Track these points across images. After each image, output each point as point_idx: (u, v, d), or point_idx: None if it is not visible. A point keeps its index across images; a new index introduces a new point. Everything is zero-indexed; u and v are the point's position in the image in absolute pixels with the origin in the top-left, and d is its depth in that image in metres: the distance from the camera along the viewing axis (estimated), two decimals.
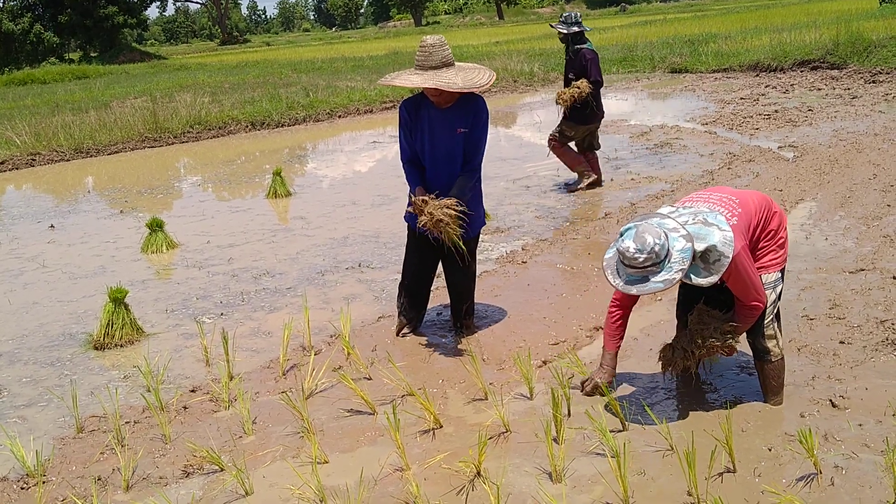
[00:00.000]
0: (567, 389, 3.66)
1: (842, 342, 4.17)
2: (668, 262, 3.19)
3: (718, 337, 3.48)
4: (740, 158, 8.94)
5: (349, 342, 4.40)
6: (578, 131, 8.15)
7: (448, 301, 4.97)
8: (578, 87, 7.76)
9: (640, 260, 3.17)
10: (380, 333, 4.88)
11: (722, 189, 3.63)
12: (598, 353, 4.27)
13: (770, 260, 3.53)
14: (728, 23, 30.43)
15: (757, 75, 16.99)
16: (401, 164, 4.64)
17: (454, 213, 4.23)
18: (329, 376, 4.21)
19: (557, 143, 8.26)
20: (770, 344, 3.56)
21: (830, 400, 3.58)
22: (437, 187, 4.44)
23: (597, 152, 8.41)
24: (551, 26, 8.02)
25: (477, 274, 5.69)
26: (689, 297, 3.77)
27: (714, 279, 3.26)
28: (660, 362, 3.69)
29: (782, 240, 3.58)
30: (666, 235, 3.21)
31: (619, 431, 3.47)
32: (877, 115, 11.18)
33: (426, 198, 4.27)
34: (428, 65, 4.29)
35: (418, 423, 3.67)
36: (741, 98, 13.88)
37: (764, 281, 3.47)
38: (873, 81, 14.44)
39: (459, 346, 4.56)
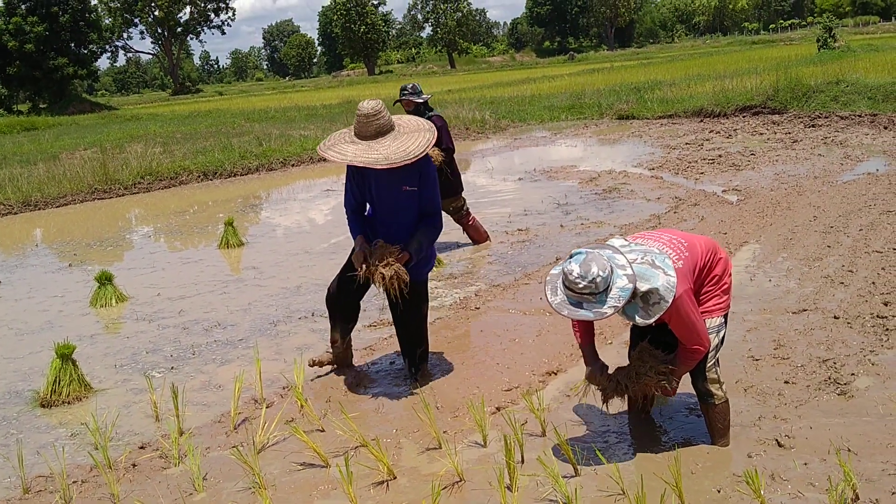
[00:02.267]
0: (520, 435, 3.68)
1: (786, 382, 4.26)
2: (607, 296, 3.26)
3: (653, 376, 3.55)
4: (686, 202, 9.15)
5: (302, 394, 4.37)
6: (460, 200, 7.91)
7: (400, 349, 4.98)
8: (431, 156, 7.58)
9: (580, 286, 3.24)
10: (333, 384, 4.86)
11: (672, 231, 3.73)
12: (551, 398, 4.33)
13: (714, 304, 3.61)
14: (672, 70, 31.26)
15: (701, 121, 17.45)
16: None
17: (397, 268, 4.29)
18: (281, 429, 4.18)
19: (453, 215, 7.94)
20: (713, 388, 3.63)
21: (776, 440, 3.66)
22: (386, 238, 4.49)
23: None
24: (399, 101, 7.54)
25: (430, 321, 5.75)
26: (639, 334, 3.83)
27: (650, 321, 3.34)
28: (596, 389, 3.74)
29: (727, 285, 3.67)
30: (612, 270, 3.28)
31: (572, 477, 3.49)
32: (816, 158, 11.54)
33: (367, 252, 4.34)
34: (364, 134, 4.34)
35: (372, 474, 3.65)
36: (686, 143, 14.23)
37: (707, 325, 3.54)
38: (813, 125, 14.93)
39: (413, 395, 4.55)
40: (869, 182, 9.39)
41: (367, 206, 4.72)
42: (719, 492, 3.30)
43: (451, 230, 8.81)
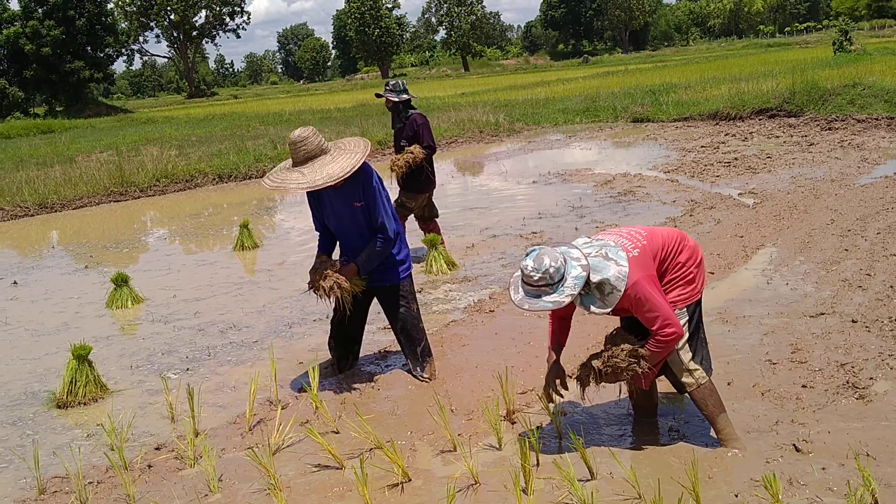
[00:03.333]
0: (535, 439, 3.67)
1: (804, 386, 4.23)
2: (562, 285, 3.42)
3: (624, 358, 3.56)
4: (702, 206, 9.11)
5: (317, 395, 4.37)
6: (417, 201, 7.71)
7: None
8: (412, 153, 7.37)
9: (535, 278, 3.41)
10: (348, 386, 4.86)
11: (638, 227, 3.80)
12: (566, 401, 4.30)
13: (677, 295, 3.65)
14: (688, 73, 31.17)
15: (717, 124, 17.37)
16: None
17: (335, 278, 4.54)
18: (296, 431, 4.18)
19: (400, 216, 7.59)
20: (686, 379, 3.67)
21: (794, 444, 3.62)
22: (350, 253, 4.77)
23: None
24: (378, 95, 7.64)
25: (445, 323, 5.76)
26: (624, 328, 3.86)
27: (607, 310, 3.47)
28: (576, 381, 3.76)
29: (692, 275, 3.69)
30: (565, 261, 3.44)
31: (588, 480, 3.48)
32: (833, 161, 11.46)
33: (319, 268, 4.62)
34: (296, 160, 4.49)
35: (387, 476, 3.65)
36: (702, 146, 14.17)
37: None
38: (829, 128, 14.84)
39: (427, 397, 4.55)
40: (886, 185, 9.32)
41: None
42: (737, 496, 3.27)
43: (466, 234, 8.81)
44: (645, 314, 3.49)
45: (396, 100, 7.46)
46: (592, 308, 3.48)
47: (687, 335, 3.65)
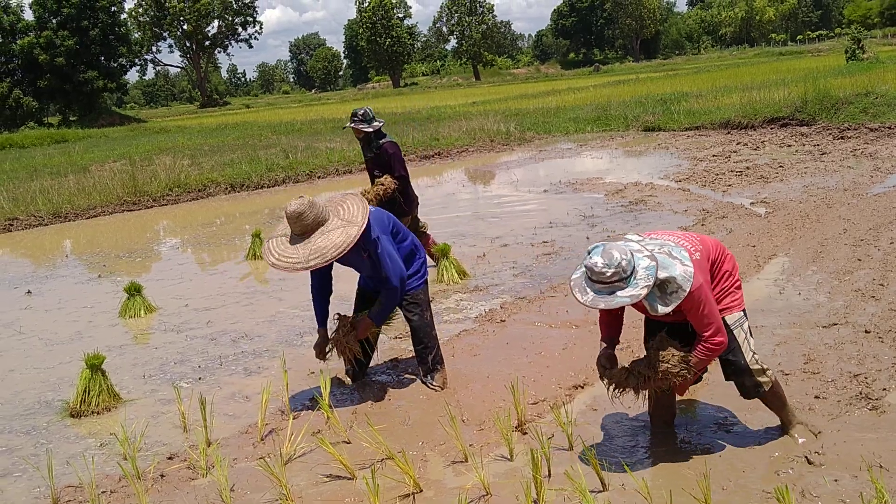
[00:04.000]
0: (547, 449, 3.66)
1: (817, 397, 4.21)
2: (634, 278, 3.34)
3: (676, 364, 3.54)
4: (713, 215, 9.09)
5: (328, 405, 4.38)
6: (407, 220, 7.33)
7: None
8: (383, 184, 7.11)
9: (608, 274, 3.31)
10: (359, 396, 4.87)
11: (687, 232, 3.78)
12: (578, 412, 4.31)
13: (731, 300, 3.68)
14: (699, 82, 31.11)
15: (728, 133, 17.33)
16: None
17: (345, 342, 4.80)
18: (308, 440, 4.19)
19: None
20: (760, 378, 3.67)
21: (806, 456, 3.61)
22: (373, 283, 4.98)
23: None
24: (345, 127, 7.27)
25: (455, 333, 5.77)
26: (653, 330, 3.84)
27: (668, 309, 3.40)
28: (611, 385, 3.72)
29: (738, 281, 3.75)
30: (632, 254, 3.37)
31: (600, 492, 3.47)
32: (846, 170, 11.42)
33: (320, 343, 4.93)
34: (294, 232, 4.53)
35: (398, 487, 3.65)
36: (713, 155, 14.15)
37: (729, 321, 3.60)
38: (842, 137, 14.78)
39: (439, 407, 4.55)
40: None
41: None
42: None
43: (477, 243, 8.82)
44: (701, 319, 3.47)
45: (370, 130, 7.08)
46: (655, 307, 3.41)
47: (747, 336, 3.66)
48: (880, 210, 8.51)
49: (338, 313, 4.94)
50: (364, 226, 4.48)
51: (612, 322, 3.80)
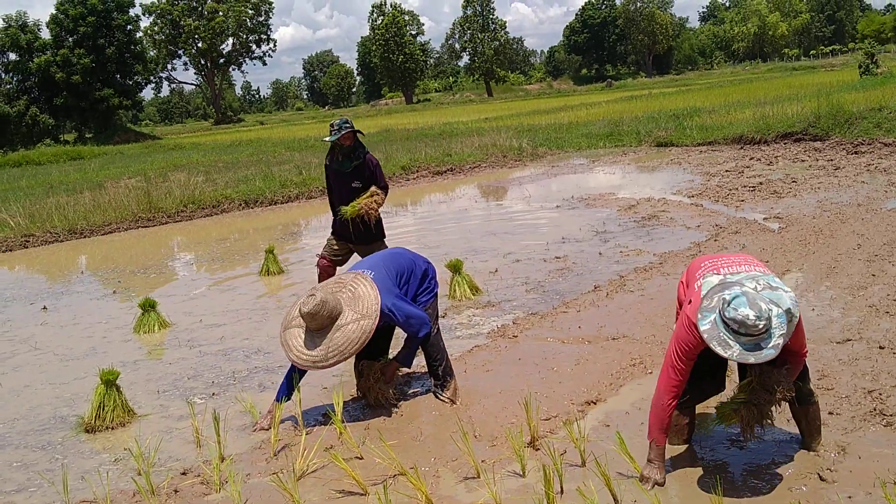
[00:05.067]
0: (560, 465, 3.66)
1: (831, 413, 4.19)
2: (772, 328, 3.23)
3: (784, 380, 3.49)
4: (727, 230, 9.07)
5: (341, 421, 4.40)
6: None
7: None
8: (378, 194, 6.94)
9: (760, 327, 3.18)
10: (372, 412, 4.88)
11: (735, 255, 3.78)
12: (590, 428, 4.29)
13: None
14: (712, 97, 31.11)
15: (741, 148, 17.31)
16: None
17: (387, 389, 4.89)
18: (320, 456, 4.20)
19: (333, 268, 7.16)
20: (812, 386, 3.71)
21: (819, 473, 3.59)
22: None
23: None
24: (329, 140, 6.80)
25: (468, 349, 5.78)
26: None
27: (785, 341, 3.30)
28: (724, 421, 3.63)
29: None
30: (770, 302, 3.27)
31: None
32: (860, 185, 11.38)
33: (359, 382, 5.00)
34: (309, 327, 4.58)
35: (410, 503, 3.65)
36: (726, 170, 14.13)
37: None
38: (855, 152, 14.73)
39: (451, 423, 4.56)
40: None
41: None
42: None
43: (489, 258, 8.83)
44: (799, 336, 3.48)
45: (360, 130, 6.96)
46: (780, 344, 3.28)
47: None
48: (895, 225, 8.47)
49: (363, 360, 4.95)
50: (377, 317, 4.56)
51: (669, 423, 3.66)
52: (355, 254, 7.22)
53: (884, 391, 4.40)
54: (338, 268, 7.10)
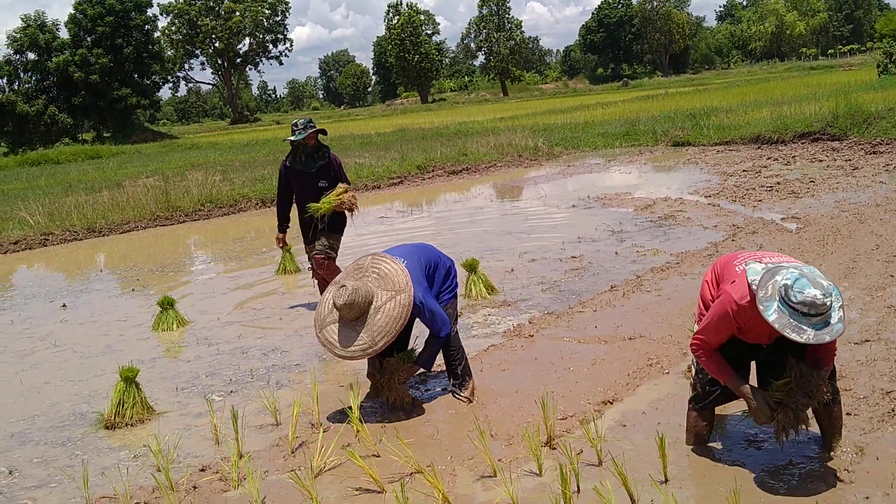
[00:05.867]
0: (576, 465, 3.66)
1: (848, 414, 4.16)
2: (832, 302, 3.25)
3: (824, 383, 3.50)
4: (744, 230, 9.03)
5: (358, 419, 4.42)
6: (339, 241, 7.22)
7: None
8: (351, 191, 6.98)
9: (828, 304, 3.20)
10: (389, 410, 4.89)
11: (763, 251, 3.78)
12: (607, 428, 4.29)
13: None
14: (729, 96, 30.96)
15: (759, 148, 17.22)
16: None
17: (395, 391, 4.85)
18: (338, 454, 4.22)
19: (333, 261, 7.10)
20: (837, 385, 3.68)
21: (836, 473, 3.58)
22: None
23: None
24: (291, 140, 6.85)
25: (484, 348, 5.79)
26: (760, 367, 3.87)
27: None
28: (781, 428, 3.61)
29: None
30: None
31: None
32: (878, 185, 11.31)
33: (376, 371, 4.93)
34: (348, 318, 4.58)
35: (427, 501, 3.67)
36: (743, 170, 14.07)
37: None
38: (874, 152, 14.63)
39: (468, 422, 4.57)
40: None
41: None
42: None
43: (505, 258, 8.82)
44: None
45: (323, 130, 6.98)
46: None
47: None
48: None
49: (380, 360, 4.92)
50: (412, 287, 4.58)
51: (723, 360, 3.68)
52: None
53: None
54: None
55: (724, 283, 3.72)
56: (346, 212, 7.01)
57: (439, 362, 5.26)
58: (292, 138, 6.82)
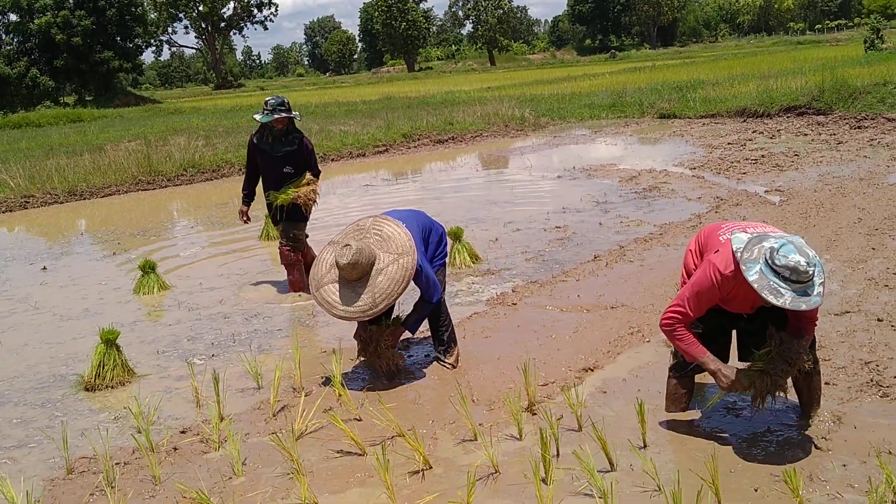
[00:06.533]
0: (556, 429, 3.68)
1: (827, 383, 4.20)
2: (814, 275, 3.25)
3: (805, 351, 3.53)
4: (727, 202, 9.06)
5: (340, 383, 4.42)
6: (304, 229, 6.90)
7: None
8: (315, 181, 6.68)
9: (811, 273, 3.20)
10: (371, 374, 4.90)
11: (748, 222, 3.77)
12: (588, 394, 4.31)
13: None
14: (716, 70, 30.90)
15: (744, 121, 17.24)
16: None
17: (385, 355, 4.81)
18: (319, 417, 4.23)
19: (297, 253, 6.78)
20: (817, 354, 3.72)
21: (814, 442, 3.62)
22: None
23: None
24: (259, 118, 6.39)
25: (467, 315, 5.79)
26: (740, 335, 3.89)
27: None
28: (757, 395, 3.64)
29: None
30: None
31: (608, 472, 3.49)
32: (862, 159, 11.35)
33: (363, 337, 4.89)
34: (347, 279, 4.53)
35: (408, 463, 3.69)
36: (728, 143, 14.08)
37: None
38: (858, 127, 14.68)
39: (449, 387, 4.58)
40: None
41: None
42: (756, 490, 3.28)
43: (489, 227, 8.81)
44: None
45: (296, 115, 6.49)
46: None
47: None
48: None
49: (371, 325, 4.87)
50: (415, 251, 4.54)
51: (697, 339, 3.66)
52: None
53: (881, 363, 4.42)
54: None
55: (708, 252, 3.72)
56: (303, 207, 6.60)
57: (423, 329, 5.26)
58: (258, 117, 6.41)
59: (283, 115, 6.34)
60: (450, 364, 4.94)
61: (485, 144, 17.88)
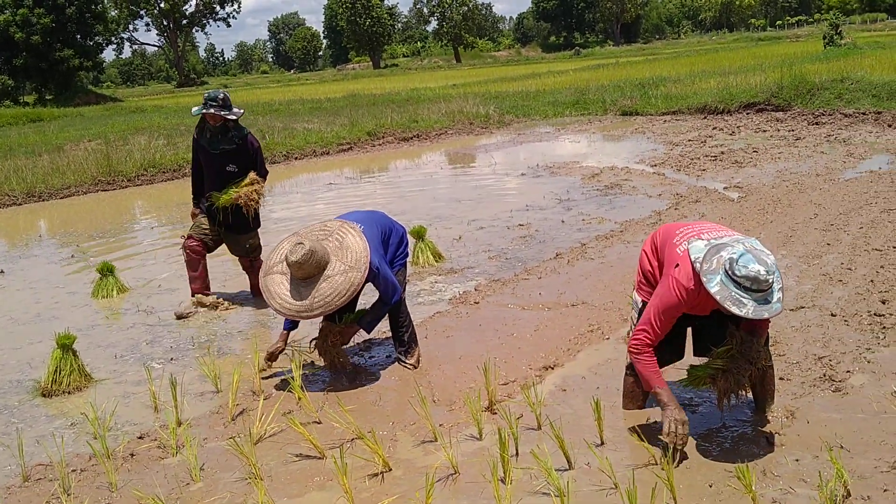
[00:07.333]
0: (515, 429, 3.70)
1: (781, 378, 4.27)
2: (773, 282, 3.27)
3: (764, 351, 3.59)
4: (687, 199, 9.16)
5: (300, 386, 4.40)
6: (257, 237, 6.70)
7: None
8: (259, 182, 6.36)
9: (770, 281, 3.22)
10: (331, 377, 4.89)
11: (701, 223, 3.82)
12: (547, 392, 4.34)
13: None
14: (677, 66, 31.21)
15: (705, 118, 17.43)
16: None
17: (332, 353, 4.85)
18: (278, 421, 4.21)
19: (207, 252, 6.55)
20: (770, 350, 3.78)
21: (766, 437, 3.68)
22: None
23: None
24: (196, 113, 6.13)
25: (429, 315, 5.80)
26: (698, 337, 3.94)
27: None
28: (695, 385, 3.73)
29: None
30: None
31: (565, 470, 3.52)
32: (819, 155, 11.53)
33: (315, 344, 4.92)
34: (295, 276, 4.51)
35: (367, 466, 3.68)
36: (689, 140, 14.23)
37: None
38: (816, 123, 14.91)
39: (410, 388, 4.58)
40: (871, 180, 9.40)
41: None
42: (711, 486, 3.32)
43: (453, 225, 8.82)
44: None
45: (232, 117, 6.11)
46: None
47: None
48: (851, 195, 8.62)
49: (323, 321, 4.87)
50: (367, 270, 4.50)
51: (658, 370, 3.67)
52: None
53: (834, 357, 4.50)
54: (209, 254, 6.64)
55: (668, 266, 3.71)
56: (244, 209, 6.30)
57: (385, 329, 5.26)
58: (195, 109, 6.14)
59: (213, 110, 6.03)
60: (411, 365, 4.94)
61: (449, 142, 17.88)
